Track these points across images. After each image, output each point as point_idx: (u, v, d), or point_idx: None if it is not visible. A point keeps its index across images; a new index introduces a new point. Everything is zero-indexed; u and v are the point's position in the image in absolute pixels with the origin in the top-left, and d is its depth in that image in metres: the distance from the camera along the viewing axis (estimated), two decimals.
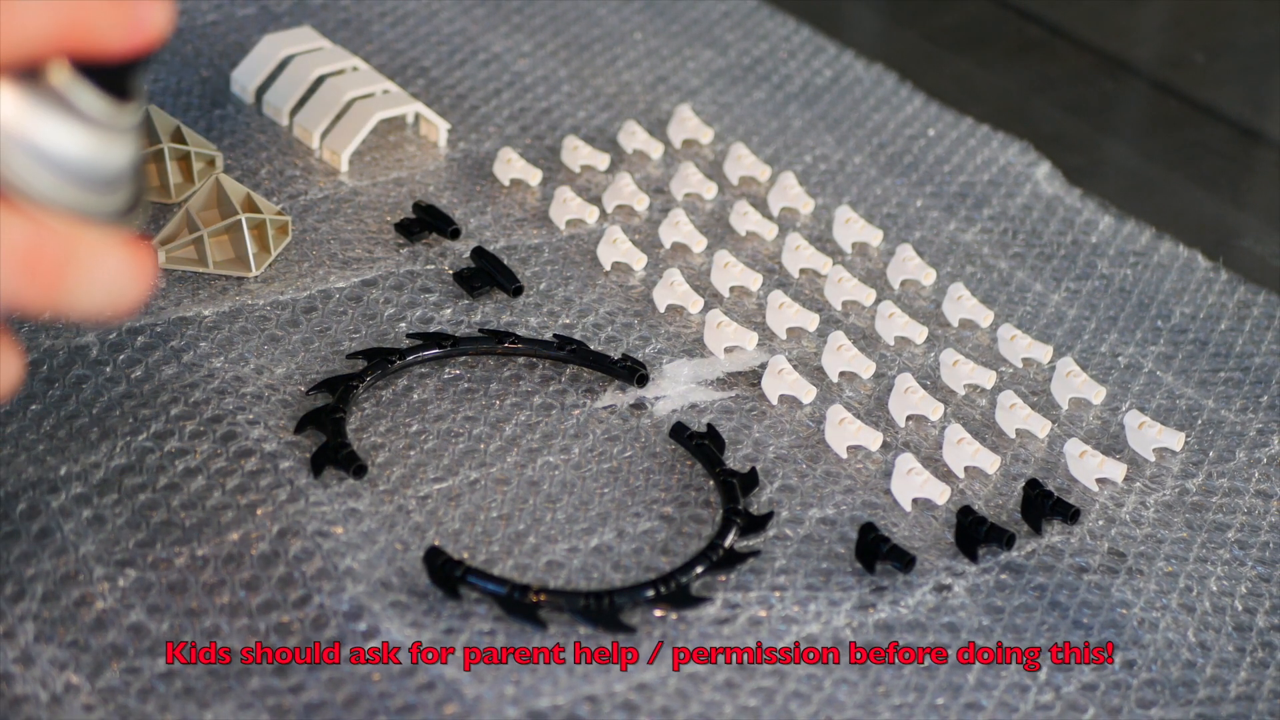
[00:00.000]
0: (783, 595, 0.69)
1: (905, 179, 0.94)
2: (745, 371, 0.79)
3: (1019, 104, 1.06)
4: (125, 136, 0.54)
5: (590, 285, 0.84)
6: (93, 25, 0.52)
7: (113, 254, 0.54)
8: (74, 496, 0.69)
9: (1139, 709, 0.66)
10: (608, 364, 0.78)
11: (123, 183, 0.54)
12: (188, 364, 0.76)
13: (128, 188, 0.55)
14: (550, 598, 0.66)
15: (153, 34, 0.52)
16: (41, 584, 0.66)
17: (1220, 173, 1.02)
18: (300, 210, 0.86)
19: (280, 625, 0.65)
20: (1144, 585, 0.71)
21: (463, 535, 0.70)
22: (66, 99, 0.52)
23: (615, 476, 0.73)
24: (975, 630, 0.68)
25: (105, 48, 0.52)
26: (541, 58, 1.01)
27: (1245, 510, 0.75)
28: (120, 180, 0.54)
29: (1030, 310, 0.86)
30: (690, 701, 0.64)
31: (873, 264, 0.87)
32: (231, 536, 0.68)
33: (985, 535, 0.71)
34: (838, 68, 1.03)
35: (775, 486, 0.73)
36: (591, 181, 0.91)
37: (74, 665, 0.63)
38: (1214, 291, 0.88)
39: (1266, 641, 0.70)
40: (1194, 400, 0.81)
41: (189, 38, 0.99)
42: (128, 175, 0.54)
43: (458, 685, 0.64)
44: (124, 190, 0.55)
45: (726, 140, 0.96)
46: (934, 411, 0.78)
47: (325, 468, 0.71)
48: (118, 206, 0.54)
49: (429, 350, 0.78)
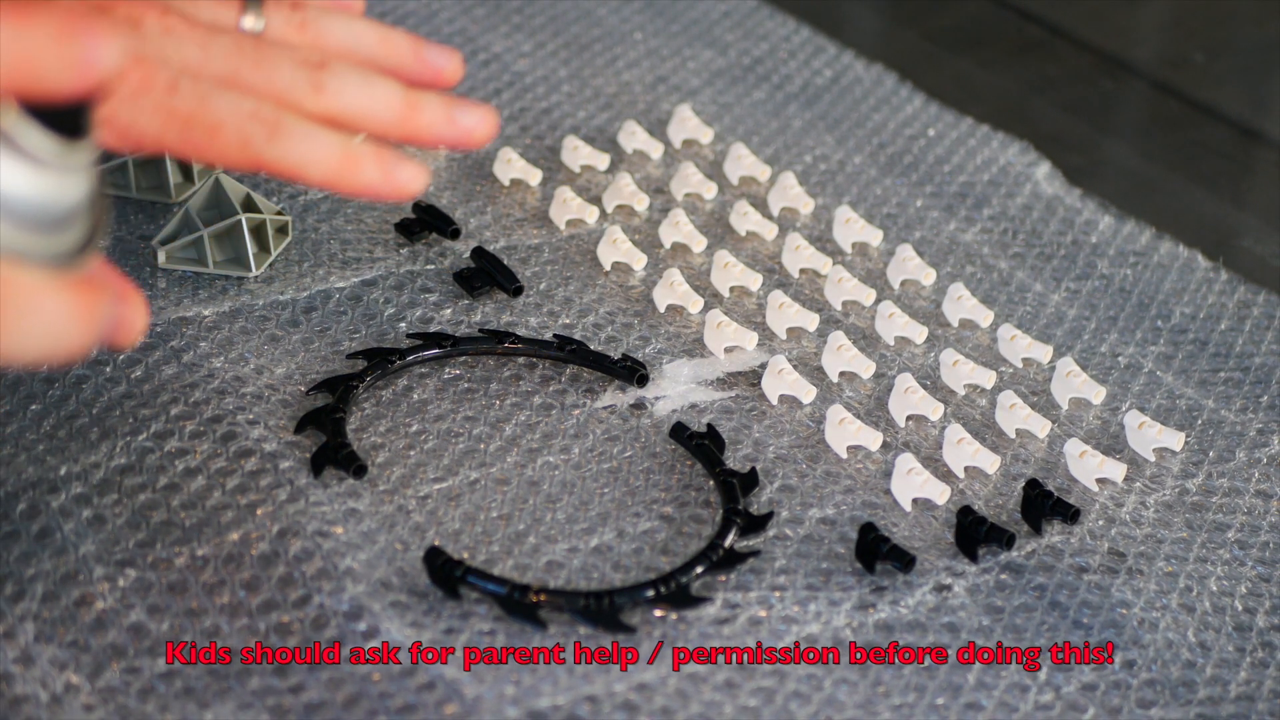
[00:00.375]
0: (783, 595, 0.69)
1: (905, 179, 0.94)
2: (745, 371, 0.79)
3: (1019, 104, 1.06)
4: (76, 176, 0.52)
5: (590, 285, 0.84)
6: (40, 67, 0.50)
7: (52, 298, 0.52)
8: (74, 496, 0.69)
9: (1139, 709, 0.66)
10: (608, 364, 0.78)
11: (72, 223, 0.53)
12: (188, 364, 0.76)
13: (78, 228, 0.53)
14: (550, 598, 0.66)
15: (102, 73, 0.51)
16: (41, 584, 0.66)
17: (1220, 173, 1.02)
18: (300, 210, 0.86)
19: (280, 625, 0.65)
20: (1144, 585, 0.71)
21: (463, 535, 0.70)
22: (13, 140, 0.51)
23: (615, 476, 0.73)
24: (975, 630, 0.68)
25: (53, 89, 0.51)
26: (541, 58, 1.01)
27: (1245, 510, 0.75)
28: (70, 221, 0.53)
29: (1030, 310, 0.86)
30: (690, 701, 0.64)
31: (873, 264, 0.87)
32: (231, 536, 0.68)
33: (985, 535, 0.71)
34: (838, 68, 1.04)
35: (775, 486, 0.73)
36: (591, 181, 0.91)
37: (74, 665, 0.63)
38: (1214, 291, 0.88)
39: (1266, 641, 0.70)
40: (1194, 400, 0.81)
41: None
42: (78, 215, 0.53)
43: (458, 685, 0.64)
44: (74, 231, 0.53)
45: (726, 140, 0.96)
46: (934, 411, 0.78)
47: (325, 468, 0.71)
48: (66, 248, 0.53)
49: (429, 350, 0.78)
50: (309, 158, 0.61)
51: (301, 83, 0.62)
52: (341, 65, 0.63)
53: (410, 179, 0.63)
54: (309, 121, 0.62)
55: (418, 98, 0.65)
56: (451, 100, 0.66)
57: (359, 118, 0.64)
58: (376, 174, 0.63)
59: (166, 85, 0.59)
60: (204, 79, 0.60)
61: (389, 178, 0.63)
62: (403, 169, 0.63)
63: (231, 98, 0.60)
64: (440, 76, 0.68)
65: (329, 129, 0.62)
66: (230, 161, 0.61)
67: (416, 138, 0.65)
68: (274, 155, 0.61)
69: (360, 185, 0.63)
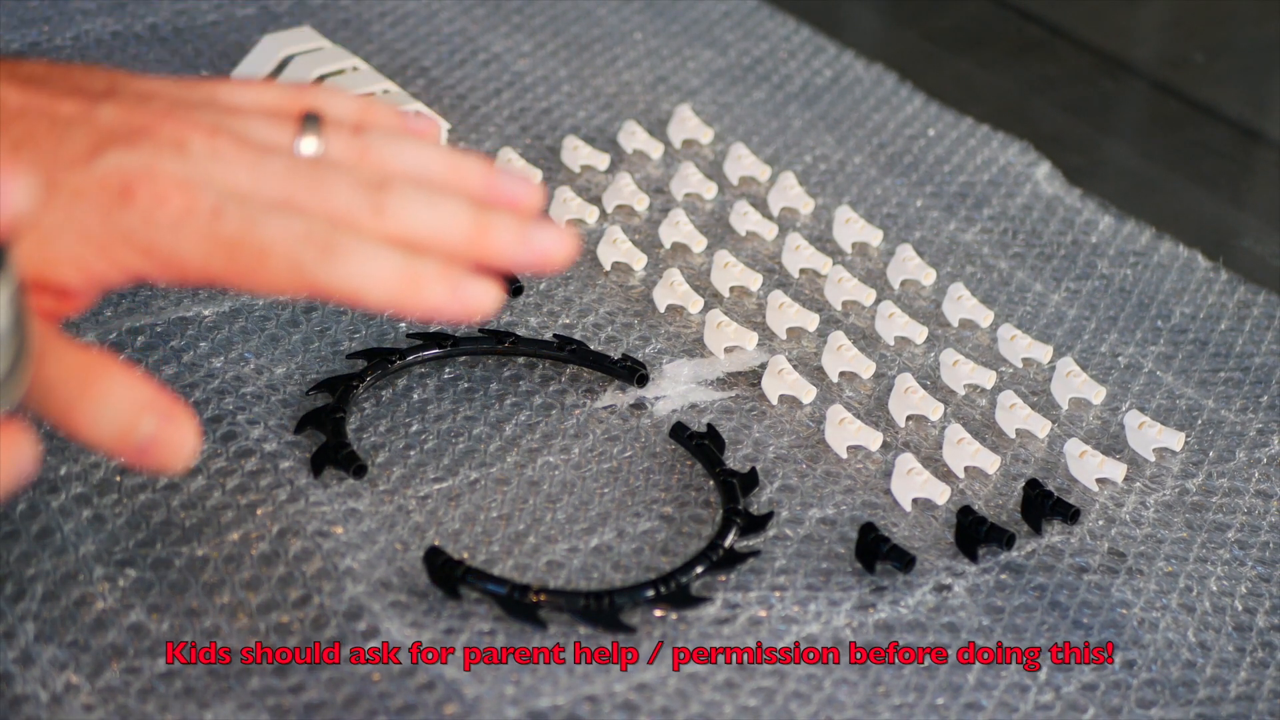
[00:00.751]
0: (783, 595, 0.69)
1: (905, 179, 0.94)
2: (745, 371, 0.79)
3: (1019, 104, 1.06)
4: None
5: (590, 285, 0.84)
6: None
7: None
8: (74, 496, 0.69)
9: (1139, 709, 0.66)
10: (608, 364, 0.78)
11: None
12: (188, 364, 0.76)
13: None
14: (550, 598, 0.66)
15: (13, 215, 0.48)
16: (41, 584, 0.66)
17: (1220, 173, 1.02)
18: None
19: (280, 625, 0.65)
20: (1144, 585, 0.71)
21: (463, 535, 0.70)
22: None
23: (615, 476, 0.73)
24: (975, 630, 0.68)
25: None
26: (541, 58, 1.01)
27: (1245, 510, 0.75)
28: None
29: (1030, 310, 0.86)
30: (690, 701, 0.64)
31: (873, 264, 0.87)
32: (231, 536, 0.68)
33: (985, 535, 0.71)
34: (838, 68, 1.04)
35: (775, 486, 0.73)
36: (591, 181, 0.91)
37: (74, 665, 0.63)
38: (1214, 291, 0.88)
39: (1266, 641, 0.70)
40: (1194, 400, 0.81)
41: (189, 37, 0.99)
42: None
43: (458, 685, 0.64)
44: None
45: (726, 140, 0.95)
46: (934, 411, 0.78)
47: (325, 468, 0.71)
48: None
49: (429, 350, 0.78)
50: (368, 279, 0.56)
51: (360, 204, 0.57)
52: (404, 184, 0.58)
53: (480, 295, 0.58)
54: (366, 239, 0.57)
55: (488, 218, 0.59)
56: (525, 219, 0.60)
57: (424, 241, 0.58)
58: (443, 293, 0.57)
59: (211, 211, 0.55)
60: (253, 202, 0.56)
61: (457, 296, 0.58)
62: (471, 286, 0.58)
63: (282, 220, 0.56)
64: (515, 208, 0.61)
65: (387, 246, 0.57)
66: (282, 288, 0.56)
67: (487, 261, 0.59)
68: (329, 278, 0.56)
69: (426, 306, 0.57)
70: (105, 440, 0.55)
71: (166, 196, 0.55)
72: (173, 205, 0.55)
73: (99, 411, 0.54)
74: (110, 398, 0.54)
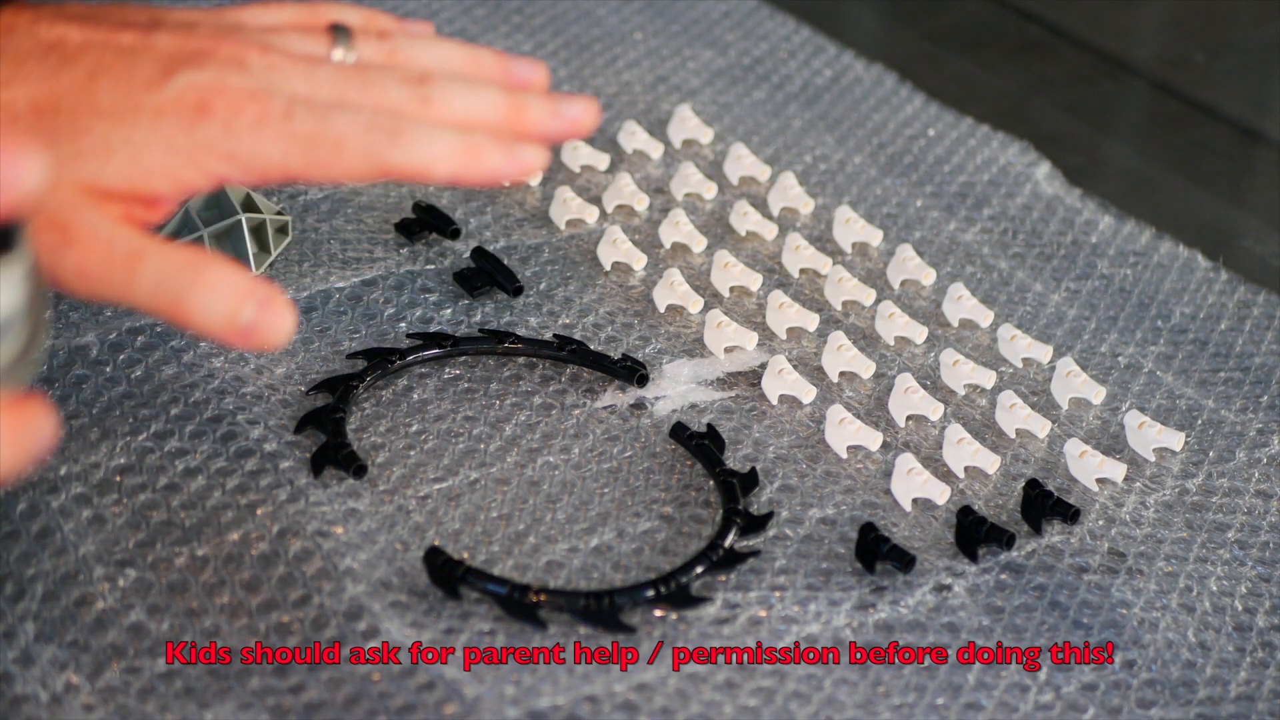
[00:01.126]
0: (783, 595, 0.69)
1: (905, 179, 0.94)
2: (745, 371, 0.79)
3: (1019, 104, 1.06)
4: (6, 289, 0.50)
5: (590, 285, 0.84)
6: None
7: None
8: (74, 496, 0.69)
9: (1139, 709, 0.66)
10: (608, 364, 0.78)
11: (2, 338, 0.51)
12: (188, 364, 0.76)
13: (8, 343, 0.51)
14: (550, 598, 0.66)
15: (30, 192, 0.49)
16: (41, 584, 0.66)
17: (1220, 173, 1.02)
18: (300, 210, 0.86)
19: (280, 625, 0.65)
20: (1144, 585, 0.71)
21: (463, 535, 0.70)
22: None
23: (615, 476, 0.73)
24: (975, 630, 0.68)
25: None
26: (541, 58, 1.01)
27: (1245, 510, 0.75)
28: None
29: (1030, 310, 0.86)
30: (690, 701, 0.64)
31: (873, 264, 0.87)
32: (231, 536, 0.68)
33: (985, 535, 0.71)
34: (838, 68, 1.04)
35: (775, 486, 0.73)
36: (591, 181, 0.91)
37: (74, 665, 0.63)
38: (1214, 291, 0.88)
39: (1266, 641, 0.70)
40: (1194, 400, 0.81)
41: None
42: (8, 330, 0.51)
43: (458, 685, 0.64)
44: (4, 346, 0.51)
45: (726, 140, 0.96)
46: (934, 411, 0.78)
47: (325, 468, 0.71)
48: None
49: (429, 350, 0.78)
50: (433, 155, 0.62)
51: (408, 98, 0.64)
52: (443, 77, 0.65)
53: (533, 156, 0.64)
54: (425, 122, 0.63)
55: (521, 98, 0.66)
56: (553, 95, 0.67)
57: (468, 123, 0.64)
58: (501, 157, 0.63)
59: (283, 113, 0.61)
60: (316, 103, 0.62)
61: (514, 159, 0.64)
62: (525, 148, 0.64)
63: (347, 112, 0.62)
64: (529, 88, 0.68)
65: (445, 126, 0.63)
66: (357, 174, 0.62)
67: (525, 135, 0.66)
68: (400, 159, 0.62)
69: (488, 171, 0.63)
70: (213, 326, 0.59)
71: (240, 107, 0.61)
72: (248, 113, 0.61)
73: (207, 301, 0.59)
74: (216, 288, 0.59)
